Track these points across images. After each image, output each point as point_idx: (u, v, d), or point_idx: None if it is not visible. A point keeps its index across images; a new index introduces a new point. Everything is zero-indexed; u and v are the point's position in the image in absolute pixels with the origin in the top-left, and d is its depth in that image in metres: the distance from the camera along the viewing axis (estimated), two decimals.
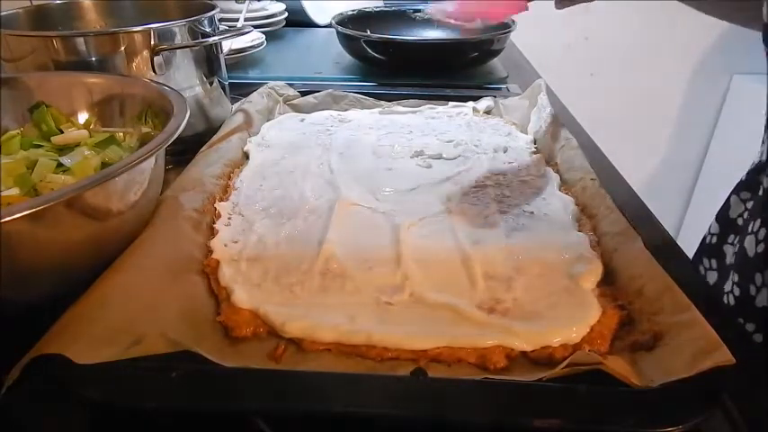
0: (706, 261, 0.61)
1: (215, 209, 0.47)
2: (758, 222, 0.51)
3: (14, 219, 0.28)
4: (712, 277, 0.59)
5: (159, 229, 0.40)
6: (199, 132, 0.60)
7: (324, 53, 1.04)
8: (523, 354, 0.34)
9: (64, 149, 0.44)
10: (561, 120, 0.62)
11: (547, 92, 0.67)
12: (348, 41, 0.91)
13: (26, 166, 0.40)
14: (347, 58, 0.96)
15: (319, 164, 0.56)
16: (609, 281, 0.40)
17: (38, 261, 0.33)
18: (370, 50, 0.88)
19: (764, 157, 0.54)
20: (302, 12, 1.19)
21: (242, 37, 0.76)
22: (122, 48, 0.51)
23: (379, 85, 0.85)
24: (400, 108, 0.72)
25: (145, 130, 0.46)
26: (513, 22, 0.93)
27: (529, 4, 0.58)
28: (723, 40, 1.51)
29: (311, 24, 1.21)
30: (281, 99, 0.72)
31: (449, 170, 0.55)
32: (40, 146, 0.44)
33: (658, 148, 1.71)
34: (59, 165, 0.41)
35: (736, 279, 0.53)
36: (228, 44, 0.86)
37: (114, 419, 0.31)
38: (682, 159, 1.71)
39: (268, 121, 0.67)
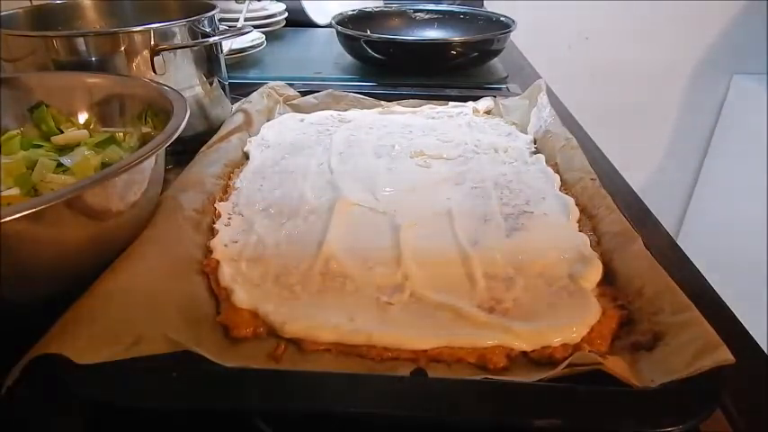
0: None
1: (215, 209, 0.47)
2: None
3: (14, 219, 0.28)
4: None
5: (159, 229, 0.40)
6: (199, 132, 0.59)
7: (324, 53, 1.04)
8: (523, 354, 0.34)
9: (64, 149, 0.44)
10: (561, 120, 0.62)
11: (547, 92, 0.67)
12: (348, 41, 0.91)
13: (26, 166, 0.40)
14: (347, 58, 0.96)
15: (319, 164, 0.56)
16: (609, 281, 0.40)
17: (38, 261, 0.33)
18: (370, 50, 0.88)
19: None
20: (302, 12, 1.19)
21: (242, 37, 0.76)
22: (122, 48, 0.51)
23: (379, 85, 0.85)
24: (400, 108, 0.71)
25: (145, 130, 0.46)
26: (513, 21, 0.93)
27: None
28: (723, 40, 1.51)
29: (311, 24, 1.21)
30: (281, 99, 0.72)
31: (449, 170, 0.55)
32: (40, 146, 0.44)
33: (658, 148, 1.71)
34: (59, 165, 0.41)
35: None
36: (228, 44, 0.86)
37: (114, 419, 0.31)
38: (682, 159, 1.71)
39: (268, 121, 0.67)
